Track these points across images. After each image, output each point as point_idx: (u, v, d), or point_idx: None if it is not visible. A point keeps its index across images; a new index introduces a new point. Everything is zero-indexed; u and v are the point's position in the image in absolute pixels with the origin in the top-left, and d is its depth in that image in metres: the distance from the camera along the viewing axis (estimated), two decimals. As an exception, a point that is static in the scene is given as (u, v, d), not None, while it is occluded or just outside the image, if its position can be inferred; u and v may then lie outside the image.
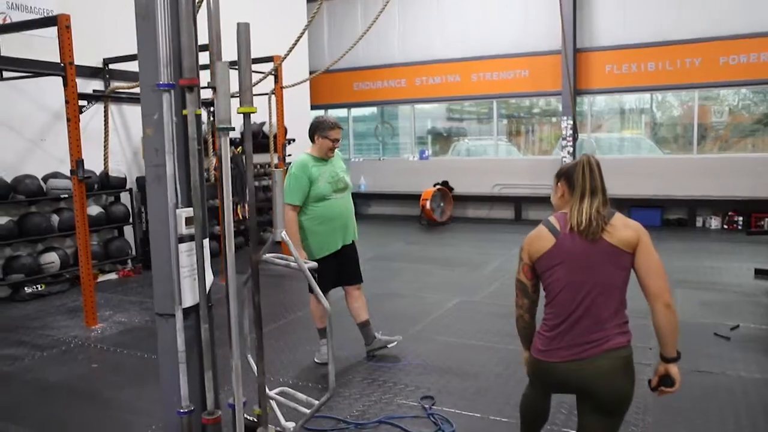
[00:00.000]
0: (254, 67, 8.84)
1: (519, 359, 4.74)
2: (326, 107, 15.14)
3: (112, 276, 8.12)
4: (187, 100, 2.59)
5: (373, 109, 15.27)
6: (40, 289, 7.04)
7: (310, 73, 12.93)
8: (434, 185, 12.81)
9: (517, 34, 12.73)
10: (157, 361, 2.90)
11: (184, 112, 2.63)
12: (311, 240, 4.50)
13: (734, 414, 3.74)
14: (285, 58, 6.78)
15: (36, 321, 6.15)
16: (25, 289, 6.94)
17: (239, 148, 10.31)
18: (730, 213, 11.28)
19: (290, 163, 4.79)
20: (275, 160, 8.85)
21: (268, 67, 8.48)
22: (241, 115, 2.71)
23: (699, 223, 11.61)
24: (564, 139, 12.36)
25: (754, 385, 4.19)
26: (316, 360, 4.78)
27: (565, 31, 11.61)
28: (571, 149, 12.29)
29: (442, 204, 12.72)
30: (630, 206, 11.97)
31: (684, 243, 9.91)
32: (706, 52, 11.28)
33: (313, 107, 13.97)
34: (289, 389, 3.13)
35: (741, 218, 11.15)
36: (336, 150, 4.65)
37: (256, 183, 10.78)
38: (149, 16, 2.63)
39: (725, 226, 11.31)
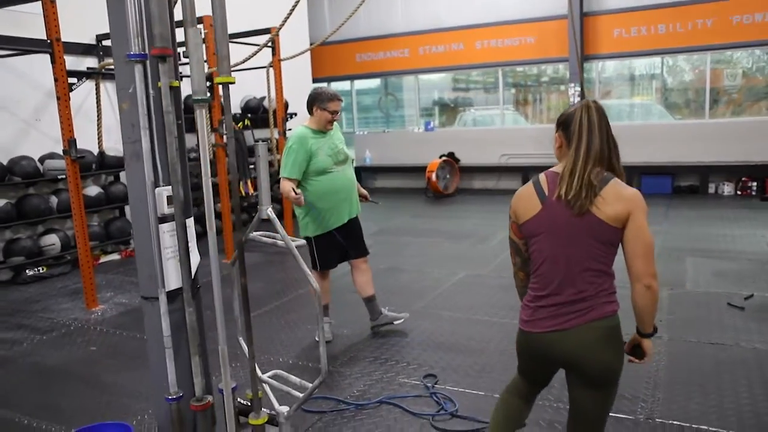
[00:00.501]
0: (252, 39, 8.66)
1: (495, 332, 4.66)
2: (328, 80, 14.88)
3: (115, 257, 8.05)
4: (160, 70, 2.42)
5: (377, 81, 15.00)
6: (41, 271, 6.98)
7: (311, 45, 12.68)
8: (440, 157, 12.59)
9: (522, 0, 12.37)
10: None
11: (159, 84, 2.48)
12: (316, 214, 4.36)
13: (748, 387, 3.60)
14: (280, 28, 6.56)
15: (36, 304, 6.08)
16: (27, 271, 6.88)
17: (240, 124, 10.14)
18: (743, 179, 11.00)
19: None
20: (275, 135, 8.67)
21: (266, 39, 8.23)
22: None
23: (711, 189, 11.35)
24: (571, 107, 12.06)
25: (770, 356, 4.04)
26: (316, 339, 4.68)
27: (572, -6, 11.24)
28: (579, 117, 11.99)
29: (448, 176, 12.52)
30: (640, 173, 11.74)
31: (696, 210, 9.69)
32: (718, 11, 10.90)
33: (315, 80, 13.70)
34: (283, 372, 3.01)
35: (755, 184, 10.88)
36: (334, 122, 4.50)
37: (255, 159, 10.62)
38: (120, -15, 2.47)
39: (739, 192, 11.05)
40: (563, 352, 2.20)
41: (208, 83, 7.41)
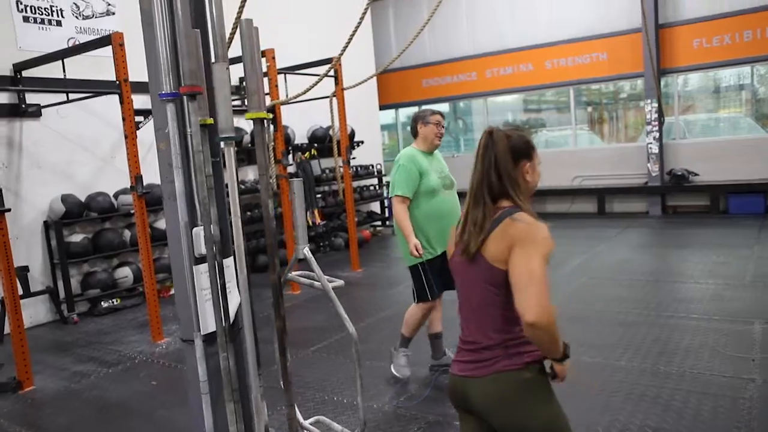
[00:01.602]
0: (318, 70, 8.74)
1: (596, 372, 4.32)
2: (396, 106, 14.92)
3: (185, 287, 8.21)
4: (190, 108, 2.37)
5: (445, 106, 14.87)
6: (115, 303, 7.20)
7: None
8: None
9: (592, 15, 11.95)
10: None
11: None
12: (424, 238, 4.16)
13: None
14: (339, 58, 6.51)
15: (108, 336, 6.25)
16: (102, 303, 7.12)
17: (306, 154, 10.25)
18: None
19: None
20: (340, 164, 8.68)
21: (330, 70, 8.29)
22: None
23: (811, 208, 10.43)
24: (649, 123, 11.48)
25: None
26: (393, 371, 4.46)
27: (645, 6, 10.73)
28: (657, 134, 11.40)
29: (519, 200, 12.12)
30: (727, 193, 10.97)
31: (793, 231, 8.90)
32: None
33: (383, 107, 13.77)
34: (326, 419, 2.87)
35: None
36: (437, 151, 4.44)
37: (325, 187, 10.68)
38: (152, 22, 2.45)
39: (843, 210, 10.09)
40: (471, 400, 1.98)
41: (270, 115, 7.55)
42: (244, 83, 9.04)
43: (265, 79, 7.56)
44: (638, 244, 9.12)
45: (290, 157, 10.12)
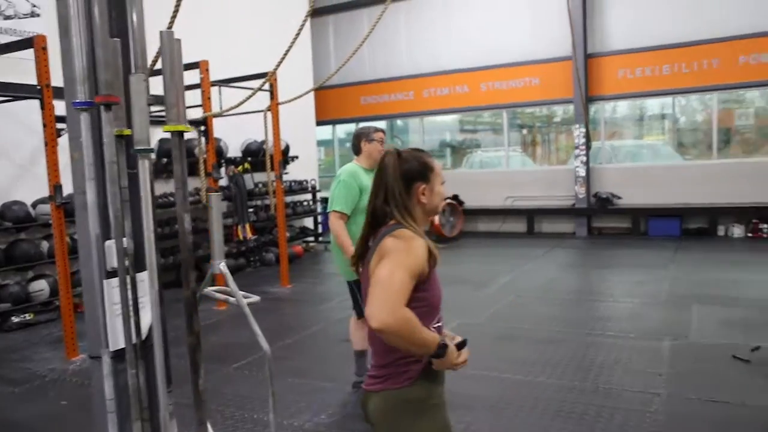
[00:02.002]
0: (254, 84, 8.66)
1: (515, 389, 4.43)
2: (334, 122, 14.96)
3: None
4: (104, 119, 2.31)
5: (383, 124, 15.01)
6: (28, 318, 6.85)
7: (315, 89, 12.73)
8: (444, 199, 12.44)
9: (527, 42, 12.39)
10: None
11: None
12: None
13: (752, 453, 3.33)
14: (273, 73, 6.48)
15: (17, 353, 5.92)
16: (13, 318, 6.75)
17: (239, 167, 10.12)
18: (754, 220, 10.73)
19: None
20: (272, 178, 8.60)
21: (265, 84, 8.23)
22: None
23: (721, 232, 11.07)
24: (577, 147, 11.95)
25: (776, 416, 3.76)
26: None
27: (575, 36, 11.23)
28: (584, 158, 11.88)
29: (452, 218, 12.35)
30: (647, 216, 11.52)
31: (704, 254, 9.42)
32: (724, 52, 10.81)
33: (320, 123, 13.76)
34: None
35: (766, 226, 10.60)
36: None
37: (258, 202, 10.55)
38: (69, 29, 2.39)
39: (749, 235, 10.76)
40: (368, 414, 2.02)
41: (202, 128, 7.43)
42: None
43: (198, 91, 7.44)
44: (564, 264, 9.42)
45: (222, 170, 9.96)
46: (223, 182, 9.90)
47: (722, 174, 11.12)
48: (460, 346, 1.97)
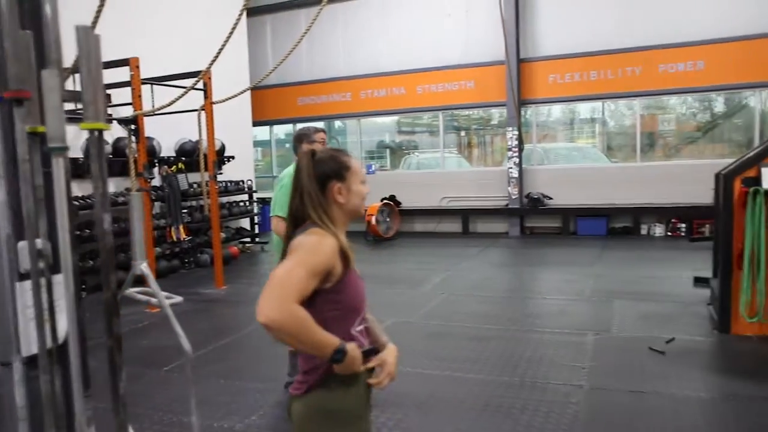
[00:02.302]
0: (187, 82, 8.50)
1: (447, 385, 4.53)
2: (270, 123, 14.83)
3: None
4: (16, 115, 2.24)
5: (320, 125, 14.98)
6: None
7: (252, 89, 12.59)
8: (381, 200, 12.56)
9: (462, 46, 12.64)
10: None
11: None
12: None
13: (662, 438, 3.53)
14: (206, 71, 6.38)
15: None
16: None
17: (173, 167, 9.90)
18: (673, 220, 11.31)
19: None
20: (206, 179, 8.45)
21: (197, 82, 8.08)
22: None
23: (644, 231, 11.61)
24: (510, 149, 12.28)
25: (686, 404, 3.99)
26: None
27: (508, 41, 11.55)
28: (517, 160, 12.21)
29: (388, 219, 12.46)
30: (576, 216, 11.95)
31: (628, 252, 9.86)
32: (645, 60, 11.34)
33: (257, 123, 13.61)
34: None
35: (684, 225, 11.19)
36: None
37: (193, 202, 10.35)
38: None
39: (669, 234, 11.34)
40: (291, 418, 1.99)
41: (132, 126, 7.23)
42: (105, 91, 8.61)
43: (129, 89, 7.24)
44: (497, 263, 9.66)
45: (156, 170, 9.72)
46: (157, 182, 9.67)
47: (645, 176, 11.66)
48: (367, 354, 1.91)
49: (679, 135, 12.21)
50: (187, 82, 8.16)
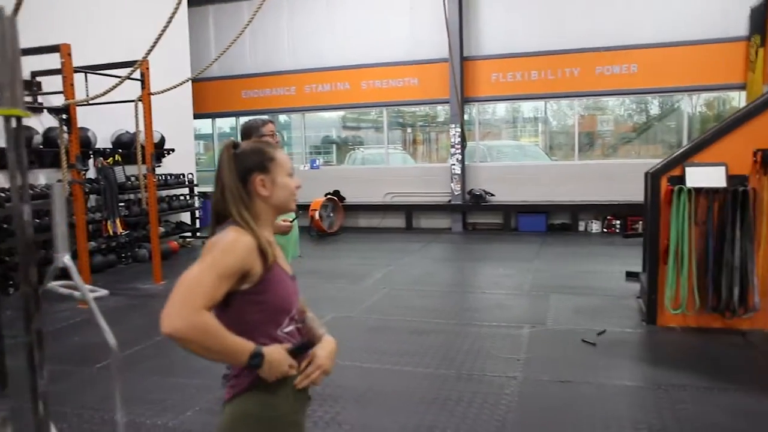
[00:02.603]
0: (125, 72, 8.27)
1: (386, 379, 4.56)
2: (213, 116, 14.55)
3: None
4: None
5: (265, 119, 14.78)
6: None
7: (194, 81, 12.32)
8: (325, 195, 12.52)
9: (407, 42, 12.70)
10: None
11: None
12: None
13: (590, 426, 3.65)
14: (142, 61, 6.24)
15: None
16: None
17: (110, 159, 9.60)
18: (609, 217, 11.70)
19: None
20: (144, 171, 8.23)
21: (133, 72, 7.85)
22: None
23: (582, 227, 11.97)
24: (453, 146, 12.43)
25: (614, 392, 4.15)
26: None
27: (451, 39, 11.68)
28: (459, 156, 12.38)
29: (332, 214, 12.44)
30: (517, 212, 12.21)
31: (566, 248, 10.14)
32: (583, 62, 11.68)
33: (198, 116, 13.33)
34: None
35: (619, 222, 11.60)
36: None
37: (131, 195, 10.05)
38: None
39: (605, 230, 11.73)
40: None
41: (64, 116, 6.98)
42: (35, 78, 8.27)
43: (60, 77, 6.97)
44: (439, 258, 9.79)
45: (91, 162, 9.41)
46: (92, 174, 9.36)
47: (583, 174, 12.02)
48: (300, 350, 1.82)
49: (616, 135, 12.64)
50: (125, 72, 7.97)
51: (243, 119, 14.77)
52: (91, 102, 7.18)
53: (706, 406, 3.88)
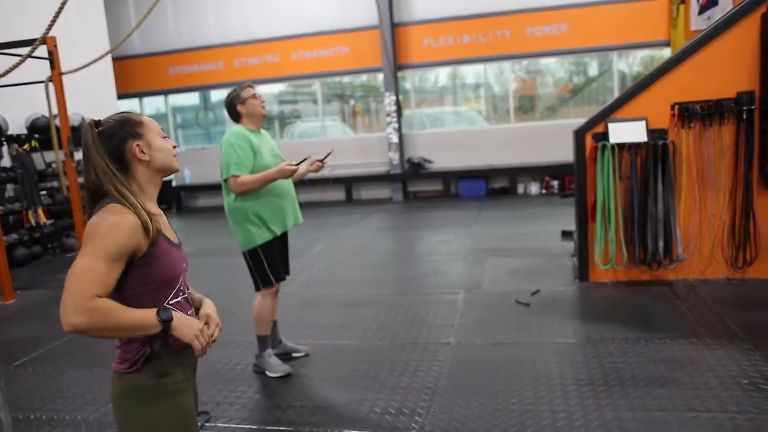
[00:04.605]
0: (26, 50, 7.72)
1: (316, 354, 4.47)
2: (140, 95, 13.98)
3: None
4: None
5: (195, 96, 14.29)
6: None
7: (115, 59, 11.76)
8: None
9: (335, 10, 12.43)
10: None
11: None
12: (259, 220, 3.89)
13: (519, 385, 3.66)
14: (43, 38, 5.79)
15: None
16: None
17: (26, 146, 9.07)
18: (546, 178, 11.86)
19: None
20: (62, 157, 7.80)
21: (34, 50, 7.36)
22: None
23: (521, 190, 12.10)
24: (389, 115, 12.30)
25: (544, 350, 4.17)
26: (273, 375, 4.03)
27: (381, 5, 11.46)
28: (396, 125, 12.27)
29: (270, 190, 12.18)
30: (457, 178, 12.25)
31: (505, 211, 10.24)
32: (513, 24, 11.68)
33: (122, 96, 12.75)
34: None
35: (557, 182, 11.77)
36: (263, 130, 4.12)
37: (55, 182, 9.57)
38: None
39: (543, 191, 11.88)
40: None
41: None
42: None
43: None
44: (378, 228, 9.72)
45: (5, 149, 8.88)
46: (7, 162, 8.85)
47: (520, 137, 12.11)
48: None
49: (551, 97, 12.75)
50: (38, 51, 7.47)
51: (174, 98, 14.26)
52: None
53: (631, 356, 3.94)
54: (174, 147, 1.91)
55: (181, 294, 1.87)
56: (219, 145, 3.98)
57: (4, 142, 8.82)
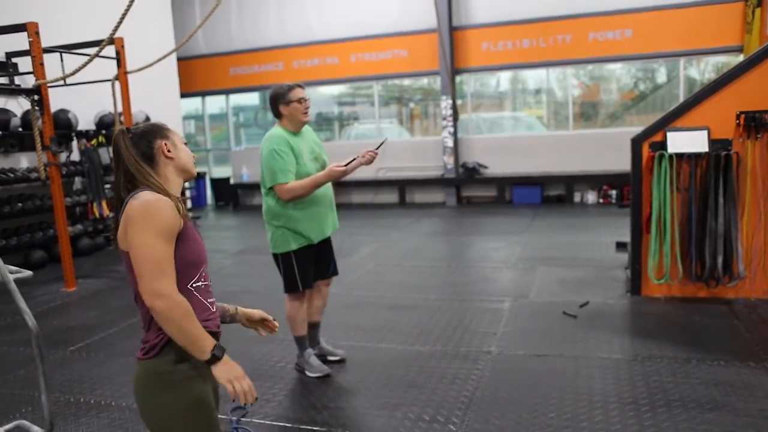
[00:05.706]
0: (105, 52, 8.07)
1: (356, 356, 4.46)
2: (201, 94, 14.38)
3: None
4: None
5: (255, 96, 14.60)
6: None
7: (179, 59, 12.15)
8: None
9: (395, 14, 12.43)
10: None
11: None
12: (297, 226, 3.86)
13: (559, 400, 3.55)
14: (110, 38, 6.02)
15: None
16: None
17: (93, 141, 9.47)
18: (604, 187, 11.52)
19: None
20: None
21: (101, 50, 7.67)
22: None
23: (577, 198, 11.80)
24: (445, 119, 12.23)
25: (588, 365, 4.04)
26: (312, 376, 4.09)
27: (440, 9, 11.41)
28: (452, 129, 12.18)
29: (324, 191, 12.30)
30: (512, 184, 12.05)
31: (559, 219, 10.00)
32: (575, 28, 11.40)
33: (184, 95, 13.16)
34: (26, 422, 2.62)
35: (615, 192, 11.42)
36: (307, 125, 4.06)
37: (113, 178, 9.93)
38: None
39: (601, 201, 11.55)
40: None
41: (36, 96, 6.84)
42: (11, 60, 8.11)
43: (29, 58, 6.81)
44: (429, 233, 9.67)
45: (74, 143, 9.31)
46: (76, 157, 9.28)
47: (579, 144, 11.80)
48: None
49: (613, 103, 12.39)
50: (106, 51, 7.79)
51: (235, 97, 14.62)
52: (66, 82, 7.04)
53: (680, 377, 3.77)
54: (192, 155, 2.08)
55: (202, 279, 1.95)
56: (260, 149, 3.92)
57: (74, 137, 9.23)
